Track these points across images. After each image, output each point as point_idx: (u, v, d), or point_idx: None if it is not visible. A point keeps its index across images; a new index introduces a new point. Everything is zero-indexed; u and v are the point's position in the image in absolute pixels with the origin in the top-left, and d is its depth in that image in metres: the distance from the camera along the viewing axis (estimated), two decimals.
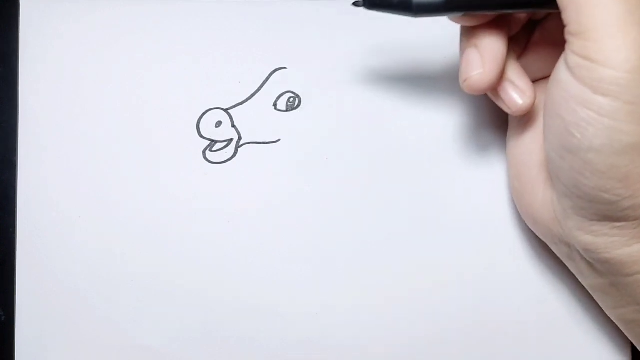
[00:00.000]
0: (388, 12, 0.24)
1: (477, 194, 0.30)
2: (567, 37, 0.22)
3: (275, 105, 0.30)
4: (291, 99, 0.30)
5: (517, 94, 0.25)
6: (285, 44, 0.30)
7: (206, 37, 0.30)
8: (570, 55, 0.22)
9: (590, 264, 0.25)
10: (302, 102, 0.30)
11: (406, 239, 0.30)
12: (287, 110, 0.30)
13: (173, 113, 0.30)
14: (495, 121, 0.30)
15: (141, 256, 0.30)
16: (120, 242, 0.30)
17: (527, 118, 0.27)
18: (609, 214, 0.23)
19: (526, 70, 0.26)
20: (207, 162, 0.30)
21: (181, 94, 0.30)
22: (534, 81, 0.26)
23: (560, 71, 0.22)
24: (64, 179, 0.30)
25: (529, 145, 0.27)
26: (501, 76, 0.25)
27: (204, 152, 0.30)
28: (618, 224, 0.23)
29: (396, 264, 0.30)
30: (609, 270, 0.25)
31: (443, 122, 0.30)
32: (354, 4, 0.25)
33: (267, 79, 0.30)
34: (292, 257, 0.30)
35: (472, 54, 0.25)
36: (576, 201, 0.24)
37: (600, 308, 0.28)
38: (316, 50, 0.30)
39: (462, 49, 0.25)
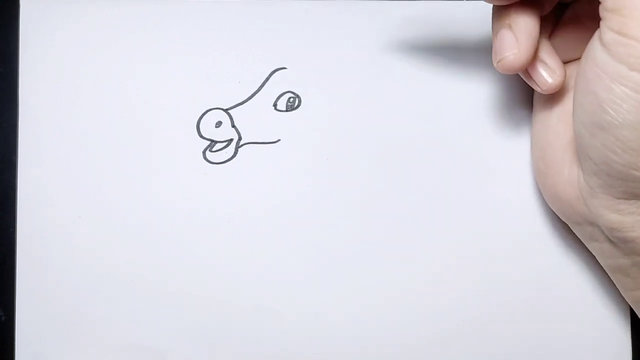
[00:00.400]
0: None
1: (479, 192, 0.30)
2: (603, 13, 0.22)
3: (275, 105, 0.30)
4: (291, 99, 0.30)
5: (547, 72, 0.26)
6: (285, 44, 0.30)
7: (206, 37, 0.30)
8: (606, 32, 0.22)
9: (613, 244, 0.26)
10: (302, 102, 0.30)
11: (408, 238, 0.30)
12: (287, 111, 0.30)
13: (173, 113, 0.30)
14: (498, 113, 0.30)
15: (141, 256, 0.30)
16: (120, 242, 0.30)
17: (554, 99, 0.27)
18: (637, 191, 0.23)
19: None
20: (207, 162, 0.30)
21: (181, 94, 0.30)
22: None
23: (595, 48, 0.23)
24: (64, 179, 0.30)
25: (555, 125, 0.27)
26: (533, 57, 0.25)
27: (204, 152, 0.30)
28: None
29: (398, 263, 0.30)
30: (632, 249, 0.25)
31: (444, 120, 0.30)
32: None
33: (267, 79, 0.30)
34: (292, 257, 0.30)
35: (506, 34, 0.25)
36: (605, 179, 0.24)
37: (604, 293, 0.28)
38: (316, 50, 0.30)
39: (496, 30, 0.25)
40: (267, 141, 0.30)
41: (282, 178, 0.30)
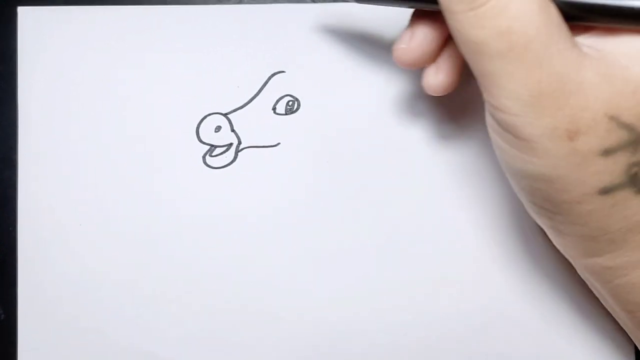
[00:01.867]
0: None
1: (483, 194, 0.30)
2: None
3: (274, 109, 0.30)
4: (290, 103, 0.30)
5: (433, 71, 0.26)
6: (283, 48, 0.30)
7: (204, 42, 0.30)
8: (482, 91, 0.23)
9: None
10: (301, 106, 0.30)
11: (407, 242, 0.30)
12: (286, 114, 0.30)
13: (172, 118, 0.30)
14: None
15: (141, 260, 0.30)
16: (120, 244, 0.30)
17: None
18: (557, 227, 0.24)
19: None
20: (207, 167, 0.30)
21: (180, 99, 0.30)
22: None
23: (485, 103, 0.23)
24: (64, 179, 0.30)
25: None
26: (431, 60, 0.26)
27: (203, 157, 0.30)
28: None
29: (397, 267, 0.30)
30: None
31: (444, 124, 0.30)
32: None
33: (266, 82, 0.30)
34: (293, 261, 0.30)
35: (406, 31, 0.25)
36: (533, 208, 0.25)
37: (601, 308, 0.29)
38: (315, 54, 0.30)
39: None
40: (266, 145, 0.30)
41: (282, 182, 0.30)
